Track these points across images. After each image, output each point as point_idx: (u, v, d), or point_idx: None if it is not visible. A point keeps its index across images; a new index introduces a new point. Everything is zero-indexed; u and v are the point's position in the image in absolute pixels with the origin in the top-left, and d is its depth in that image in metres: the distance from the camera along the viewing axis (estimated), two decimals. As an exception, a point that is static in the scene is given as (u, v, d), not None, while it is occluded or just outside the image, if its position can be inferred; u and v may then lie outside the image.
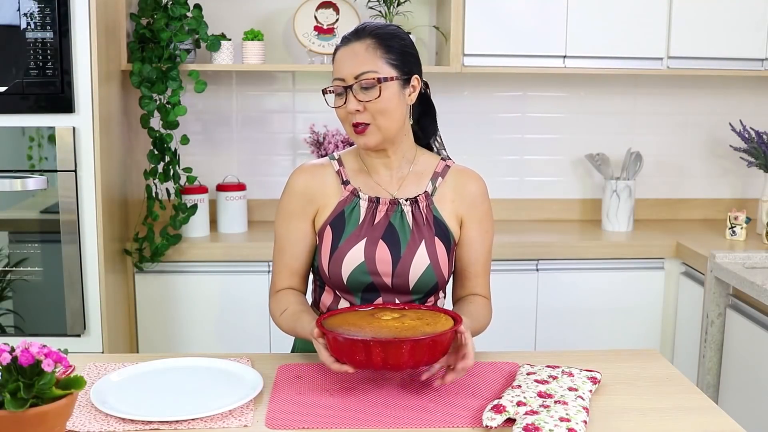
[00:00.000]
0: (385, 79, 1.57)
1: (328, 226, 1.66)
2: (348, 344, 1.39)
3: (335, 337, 1.40)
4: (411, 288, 1.64)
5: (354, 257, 1.63)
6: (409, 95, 1.63)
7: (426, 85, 1.72)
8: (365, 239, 1.63)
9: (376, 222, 1.65)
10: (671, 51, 2.97)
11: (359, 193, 1.67)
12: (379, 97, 1.57)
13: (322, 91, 1.63)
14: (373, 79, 1.56)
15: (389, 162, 1.68)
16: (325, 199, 1.68)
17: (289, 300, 1.68)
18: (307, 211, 1.69)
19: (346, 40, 1.62)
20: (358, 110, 1.57)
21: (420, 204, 1.66)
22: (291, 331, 1.66)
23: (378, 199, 1.66)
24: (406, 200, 1.66)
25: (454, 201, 1.69)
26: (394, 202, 1.66)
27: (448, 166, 1.72)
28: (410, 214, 1.66)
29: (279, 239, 1.72)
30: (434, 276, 1.64)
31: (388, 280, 1.64)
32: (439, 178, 1.70)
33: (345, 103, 1.58)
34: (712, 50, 2.98)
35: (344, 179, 1.69)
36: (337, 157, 1.73)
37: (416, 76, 1.64)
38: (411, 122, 1.68)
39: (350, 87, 1.57)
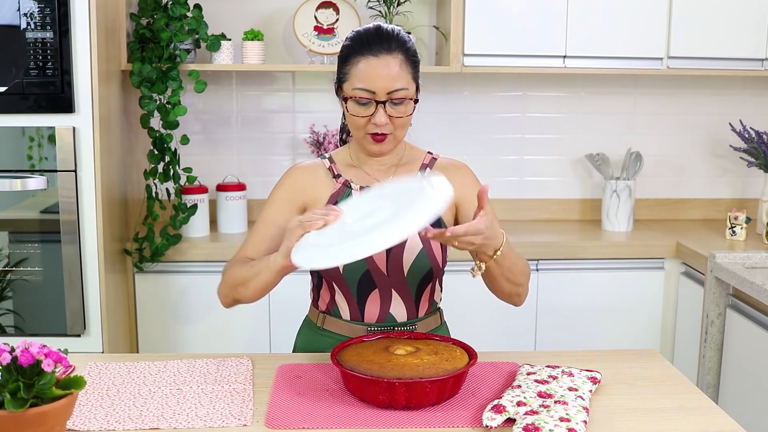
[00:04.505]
0: (417, 100, 1.62)
1: None
2: (370, 384, 1.38)
3: (356, 376, 1.39)
4: (406, 273, 1.66)
5: None
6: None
7: None
8: None
9: None
10: (671, 51, 2.97)
11: (351, 183, 1.70)
12: (410, 114, 1.61)
13: (344, 98, 1.62)
14: (409, 98, 1.60)
15: (383, 158, 1.71)
16: (316, 193, 1.70)
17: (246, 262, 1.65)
18: (294, 200, 1.70)
19: (374, 50, 1.59)
20: (386, 123, 1.60)
21: None
22: (247, 275, 1.59)
23: (369, 188, 1.68)
24: None
25: None
26: None
27: (435, 159, 1.75)
28: None
29: (259, 221, 1.71)
30: (428, 261, 1.65)
31: (383, 267, 1.65)
32: (427, 169, 1.73)
33: (373, 115, 1.59)
34: (712, 50, 2.98)
35: (336, 173, 1.72)
36: (327, 156, 1.76)
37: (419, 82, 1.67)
38: None
39: (383, 102, 1.58)
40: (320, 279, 1.73)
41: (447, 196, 1.39)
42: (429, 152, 1.77)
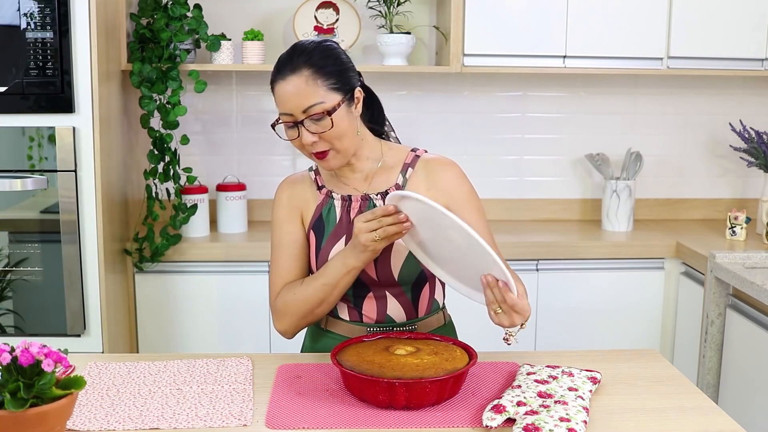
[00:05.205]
0: (334, 109, 1.56)
1: (311, 230, 1.70)
2: (370, 384, 1.38)
3: (356, 376, 1.39)
4: (397, 278, 1.65)
5: None
6: (356, 107, 1.63)
7: (359, 74, 1.69)
8: (344, 236, 1.66)
9: (352, 219, 1.66)
10: (671, 51, 2.97)
11: (332, 194, 1.70)
12: (332, 127, 1.57)
13: (272, 125, 1.62)
14: (323, 112, 1.56)
15: (354, 166, 1.70)
16: (307, 205, 1.72)
17: (295, 284, 1.68)
18: (294, 216, 1.72)
19: (282, 73, 1.58)
20: (314, 141, 1.58)
21: None
22: (316, 291, 1.62)
23: (350, 197, 1.69)
24: (377, 194, 1.68)
25: (429, 189, 1.68)
26: (366, 198, 1.68)
27: (418, 156, 1.72)
28: None
29: (274, 247, 1.74)
30: (417, 265, 1.64)
31: (373, 274, 1.65)
32: (409, 169, 1.70)
33: (299, 136, 1.59)
34: (712, 50, 2.98)
35: (319, 185, 1.73)
36: (313, 168, 1.77)
37: (358, 88, 1.63)
38: (364, 124, 1.70)
39: (301, 122, 1.57)
40: None
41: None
42: (413, 149, 1.73)
